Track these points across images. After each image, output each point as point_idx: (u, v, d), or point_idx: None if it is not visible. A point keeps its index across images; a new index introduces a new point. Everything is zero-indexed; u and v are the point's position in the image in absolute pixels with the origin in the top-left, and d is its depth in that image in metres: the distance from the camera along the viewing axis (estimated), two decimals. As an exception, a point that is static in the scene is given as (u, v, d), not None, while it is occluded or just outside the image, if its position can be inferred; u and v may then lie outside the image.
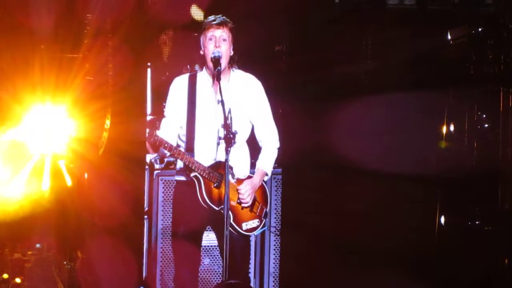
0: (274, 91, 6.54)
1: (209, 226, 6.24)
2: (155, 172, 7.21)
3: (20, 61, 6.58)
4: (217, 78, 5.99)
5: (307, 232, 7.14)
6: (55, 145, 6.89)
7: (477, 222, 7.50)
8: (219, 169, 6.06)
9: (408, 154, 7.26)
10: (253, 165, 6.27)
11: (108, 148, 6.47)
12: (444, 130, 7.56)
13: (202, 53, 6.15)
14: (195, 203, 6.04)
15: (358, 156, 7.14)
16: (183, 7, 7.72)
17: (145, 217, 7.17)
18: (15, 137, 6.77)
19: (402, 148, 7.25)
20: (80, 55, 6.72)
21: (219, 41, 6.08)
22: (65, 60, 6.71)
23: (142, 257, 6.97)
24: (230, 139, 5.80)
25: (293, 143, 7.00)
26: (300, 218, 7.20)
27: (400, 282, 7.05)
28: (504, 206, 7.52)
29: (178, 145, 6.18)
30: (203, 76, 6.20)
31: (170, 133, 6.11)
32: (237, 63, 6.25)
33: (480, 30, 7.52)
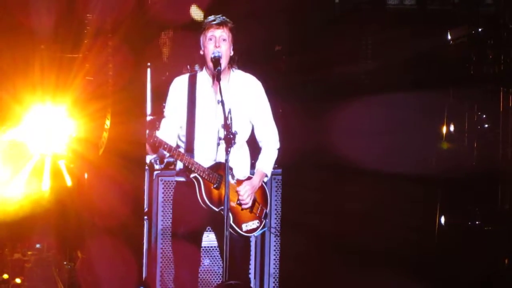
0: (274, 91, 6.54)
1: (209, 227, 6.24)
2: (155, 172, 7.20)
3: (20, 61, 6.57)
4: (217, 78, 5.98)
5: (307, 232, 7.14)
6: (55, 145, 6.88)
7: (477, 222, 7.50)
8: (219, 170, 6.05)
9: (408, 154, 7.26)
10: (253, 165, 6.26)
11: (108, 148, 6.46)
12: (444, 130, 7.56)
13: (202, 53, 6.14)
14: (195, 204, 6.03)
15: (358, 156, 7.13)
16: (183, 7, 7.72)
17: (145, 217, 7.17)
18: (15, 137, 6.76)
19: (402, 148, 7.25)
20: (80, 55, 6.71)
21: (219, 41, 6.07)
22: (65, 60, 6.70)
23: (142, 257, 6.97)
24: (230, 140, 5.79)
25: (293, 143, 6.99)
26: (300, 218, 7.20)
27: (400, 282, 7.05)
28: (504, 206, 7.52)
29: (178, 145, 6.17)
30: (203, 76, 6.19)
31: (169, 133, 6.11)
32: (237, 63, 6.24)
33: (480, 30, 7.52)
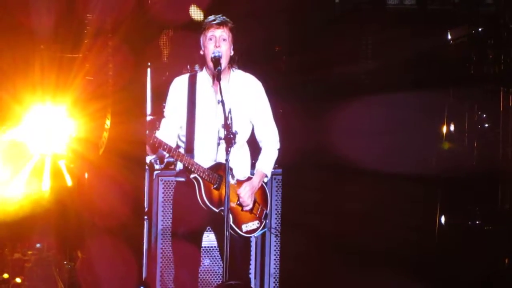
0: (274, 91, 6.53)
1: (209, 227, 6.23)
2: (155, 172, 7.20)
3: (20, 61, 6.56)
4: (217, 78, 5.97)
5: (308, 232, 7.14)
6: (55, 145, 6.87)
7: (477, 222, 7.51)
8: (219, 170, 6.05)
9: (408, 154, 7.26)
10: (253, 165, 6.25)
11: (108, 148, 6.46)
12: (444, 130, 7.56)
13: (202, 53, 6.13)
14: (195, 204, 6.03)
15: (358, 156, 7.13)
16: (183, 7, 7.72)
17: (145, 217, 7.17)
18: (15, 137, 6.76)
19: (402, 148, 7.25)
20: (80, 55, 6.70)
21: (219, 41, 6.06)
22: (65, 60, 6.69)
23: (142, 257, 6.97)
24: (230, 139, 5.78)
25: (293, 143, 6.99)
26: (300, 218, 7.20)
27: (400, 282, 7.05)
28: (504, 206, 7.52)
29: (178, 146, 6.17)
30: (203, 76, 6.18)
31: (169, 133, 6.11)
32: (237, 63, 6.23)
33: (480, 30, 7.52)
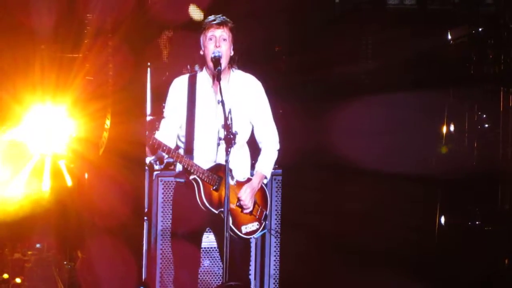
0: (274, 91, 6.53)
1: (209, 228, 6.23)
2: (155, 173, 7.18)
3: (20, 61, 6.56)
4: (217, 78, 5.96)
5: (308, 232, 7.14)
6: (55, 145, 6.87)
7: (477, 222, 7.51)
8: (218, 171, 6.04)
9: (408, 154, 7.26)
10: (253, 166, 6.25)
11: (108, 148, 6.45)
12: (444, 130, 7.56)
13: (202, 53, 6.13)
14: (195, 204, 6.02)
15: (358, 156, 7.13)
16: (183, 7, 7.72)
17: (144, 218, 7.16)
18: (15, 137, 6.76)
19: (402, 148, 7.25)
20: (80, 55, 6.69)
21: (219, 41, 6.05)
22: (65, 60, 6.68)
23: (142, 257, 6.97)
24: (230, 140, 5.77)
25: (293, 143, 6.99)
26: (300, 218, 7.19)
27: (400, 282, 7.05)
28: (504, 206, 7.53)
29: (178, 146, 6.16)
30: (203, 76, 6.18)
31: (169, 134, 6.10)
32: (237, 63, 6.23)
33: (480, 30, 7.53)
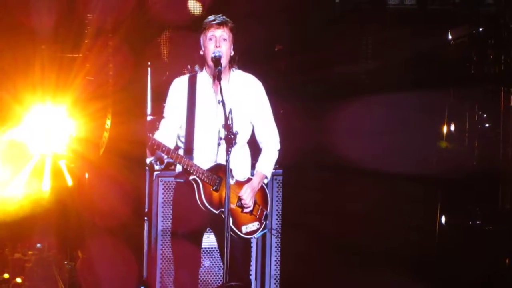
0: (274, 91, 6.53)
1: (209, 228, 6.22)
2: (155, 173, 7.17)
3: (20, 61, 6.56)
4: (217, 78, 5.95)
5: (308, 232, 7.13)
6: (56, 145, 6.87)
7: (477, 222, 7.51)
8: (218, 172, 6.03)
9: (408, 154, 7.26)
10: (254, 166, 6.24)
11: (108, 148, 6.45)
12: (444, 130, 7.56)
13: (202, 53, 6.12)
14: (195, 204, 6.01)
15: (359, 156, 7.13)
16: (183, 7, 7.72)
17: (145, 218, 7.16)
18: (15, 137, 6.76)
19: (403, 148, 7.25)
20: (80, 55, 6.69)
21: (220, 40, 6.05)
22: (65, 60, 6.68)
23: (142, 257, 6.96)
24: (231, 140, 5.77)
25: (293, 143, 6.98)
26: (301, 218, 7.19)
27: (400, 282, 7.05)
28: (504, 206, 7.53)
29: (178, 147, 6.15)
30: (203, 76, 6.17)
31: (168, 134, 6.10)
32: (237, 63, 6.22)
33: (480, 30, 7.53)
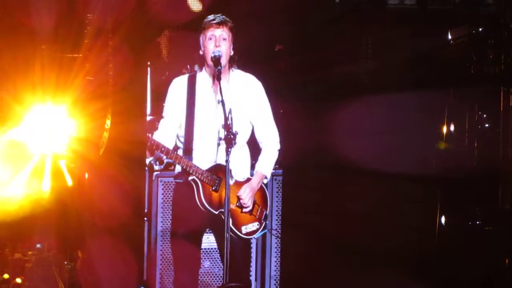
0: (274, 91, 6.53)
1: (209, 228, 6.21)
2: (155, 173, 7.16)
3: (20, 61, 6.56)
4: (217, 77, 5.94)
5: (308, 232, 7.13)
6: (56, 145, 6.87)
7: (477, 222, 7.51)
8: (218, 172, 6.02)
9: (408, 154, 7.26)
10: (253, 166, 6.23)
11: (108, 148, 6.45)
12: (444, 130, 7.56)
13: (201, 53, 6.11)
14: (195, 205, 6.00)
15: (359, 156, 7.13)
16: (183, 7, 7.72)
17: (144, 218, 7.15)
18: (15, 137, 6.76)
19: (402, 148, 7.25)
20: (80, 55, 6.69)
21: (219, 40, 6.04)
22: (65, 60, 6.69)
23: (142, 257, 6.96)
24: (230, 140, 5.76)
25: (293, 144, 6.98)
26: (301, 218, 7.19)
27: (400, 282, 7.05)
28: (504, 206, 7.53)
29: (177, 147, 6.15)
30: (203, 76, 6.17)
31: (168, 134, 6.09)
32: (237, 63, 6.22)
33: (480, 30, 7.53)
